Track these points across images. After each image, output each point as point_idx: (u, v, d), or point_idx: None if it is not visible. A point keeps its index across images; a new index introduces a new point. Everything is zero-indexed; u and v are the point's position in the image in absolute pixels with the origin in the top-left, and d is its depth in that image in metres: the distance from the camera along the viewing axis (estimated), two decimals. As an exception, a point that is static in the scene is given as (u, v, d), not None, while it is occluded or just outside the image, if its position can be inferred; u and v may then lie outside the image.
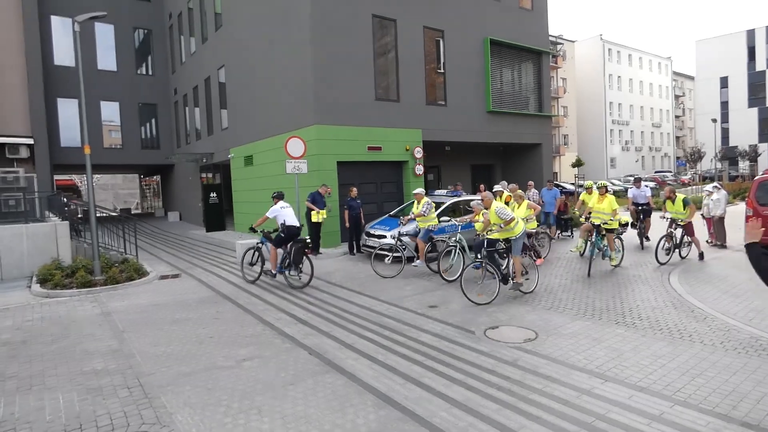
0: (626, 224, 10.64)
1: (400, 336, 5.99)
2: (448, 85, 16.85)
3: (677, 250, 9.54)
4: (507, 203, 10.13)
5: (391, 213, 12.87)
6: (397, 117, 15.20)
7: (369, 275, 9.58)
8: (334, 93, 13.73)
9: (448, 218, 11.24)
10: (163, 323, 6.87)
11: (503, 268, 7.40)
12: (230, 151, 18.90)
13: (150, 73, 25.81)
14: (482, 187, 15.72)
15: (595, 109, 54.30)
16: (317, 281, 9.10)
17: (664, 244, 9.36)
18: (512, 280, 7.40)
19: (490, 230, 7.19)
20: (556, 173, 48.45)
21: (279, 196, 9.41)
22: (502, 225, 6.92)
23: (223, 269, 11.04)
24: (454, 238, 9.74)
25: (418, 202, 10.23)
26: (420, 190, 10.11)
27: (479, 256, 7.35)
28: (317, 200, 12.13)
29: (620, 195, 27.77)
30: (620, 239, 9.48)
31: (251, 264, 9.22)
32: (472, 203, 8.94)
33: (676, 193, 10.00)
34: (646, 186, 13.22)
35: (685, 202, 9.68)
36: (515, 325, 6.17)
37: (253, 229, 8.88)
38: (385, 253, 10.59)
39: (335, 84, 13.77)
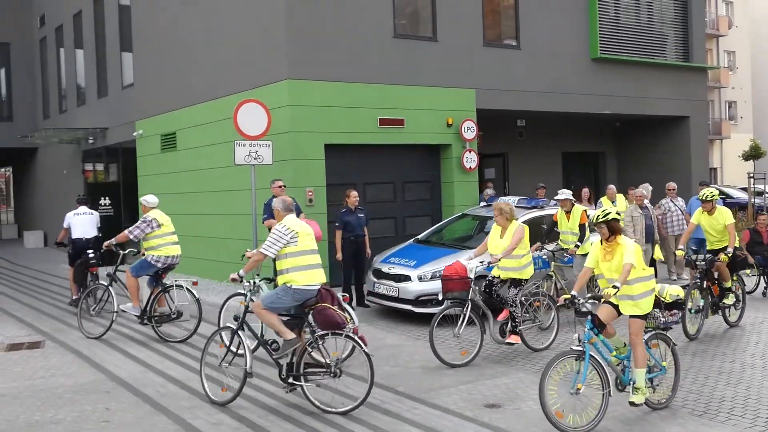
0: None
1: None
2: (524, 13, 16.92)
3: None
4: (584, 225, 11.27)
5: (419, 237, 12.86)
6: (432, 68, 15.29)
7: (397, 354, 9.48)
8: (321, 25, 13.87)
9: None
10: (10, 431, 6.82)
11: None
12: (137, 126, 19.13)
13: (-1, -12, 26.62)
14: (585, 192, 15.71)
15: (786, 58, 54.16)
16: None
17: None
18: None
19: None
20: (716, 169, 48.15)
21: (82, 201, 11.72)
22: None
23: (121, 333, 11.05)
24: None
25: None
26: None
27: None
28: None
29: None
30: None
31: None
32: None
33: None
34: None
35: None
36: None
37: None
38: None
39: (324, 9, 13.89)
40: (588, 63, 18.10)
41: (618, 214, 7.08)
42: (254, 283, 7.89)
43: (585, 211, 11.37)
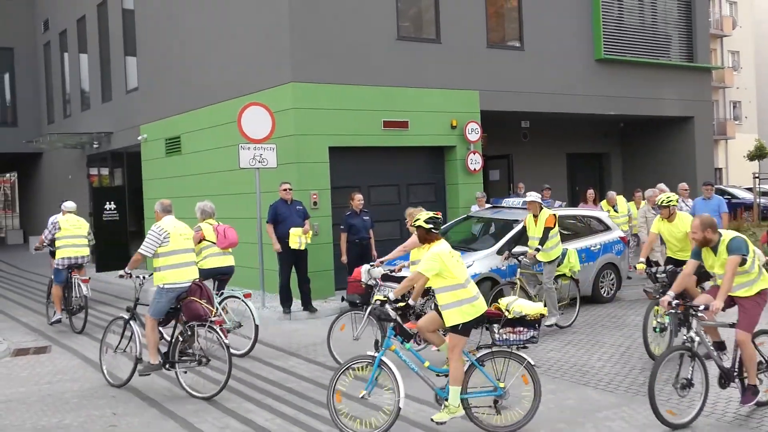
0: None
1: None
2: (527, 14, 16.93)
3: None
4: (553, 227, 10.61)
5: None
6: (436, 70, 15.31)
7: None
8: (325, 28, 13.90)
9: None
10: (18, 433, 6.86)
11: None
12: (141, 130, 19.19)
13: (3, -7, 26.66)
14: (590, 193, 15.71)
15: (790, 57, 54.02)
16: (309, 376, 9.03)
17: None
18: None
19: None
20: (721, 170, 48.05)
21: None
22: None
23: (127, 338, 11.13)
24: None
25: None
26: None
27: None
28: (285, 214, 11.98)
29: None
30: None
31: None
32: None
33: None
34: None
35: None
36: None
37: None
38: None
39: (327, 12, 13.94)
40: (592, 64, 18.09)
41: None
42: (143, 278, 8.42)
43: (554, 215, 10.65)
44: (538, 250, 10.37)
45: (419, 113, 14.99)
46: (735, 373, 6.76)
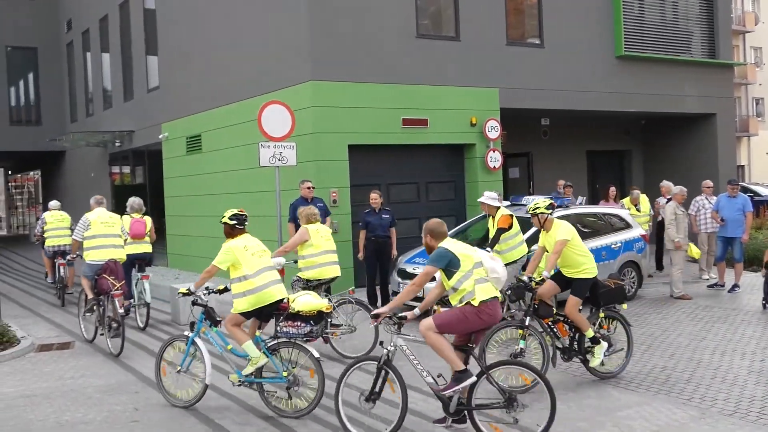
0: None
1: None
2: (547, 11, 16.84)
3: None
4: (507, 228, 10.31)
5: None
6: (455, 67, 15.29)
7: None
8: (344, 27, 13.92)
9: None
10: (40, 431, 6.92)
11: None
12: (163, 129, 19.33)
13: (27, -6, 26.90)
14: (612, 190, 15.61)
15: (815, 52, 53.23)
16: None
17: None
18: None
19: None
20: (743, 167, 47.48)
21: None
22: None
23: (147, 334, 11.19)
24: None
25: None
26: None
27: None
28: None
29: None
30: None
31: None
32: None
33: None
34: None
35: None
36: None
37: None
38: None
39: (346, 12, 13.95)
40: (612, 61, 17.95)
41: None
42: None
43: (509, 216, 10.27)
44: (488, 251, 9.56)
45: (438, 111, 14.97)
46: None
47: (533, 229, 11.19)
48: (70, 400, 7.82)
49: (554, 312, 7.86)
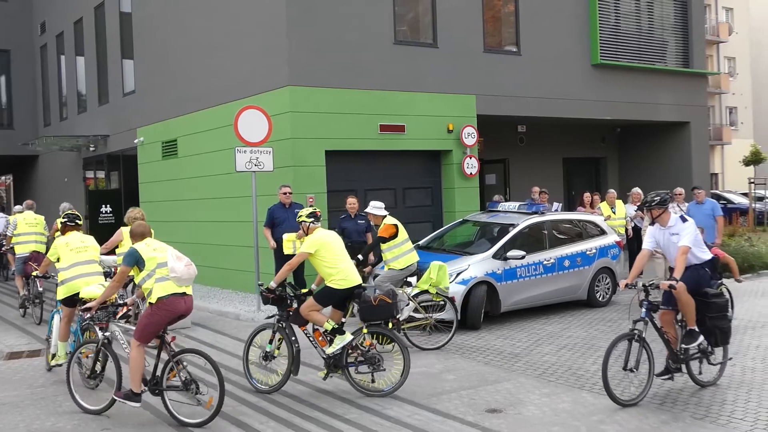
0: None
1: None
2: (524, 19, 16.98)
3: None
4: (389, 237, 10.26)
5: (420, 243, 12.89)
6: (432, 74, 15.35)
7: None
8: (322, 32, 13.93)
9: (523, 253, 11.37)
10: (11, 436, 6.86)
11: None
12: (138, 133, 19.17)
13: (-1, -5, 26.59)
14: (587, 197, 15.74)
15: (787, 63, 54.13)
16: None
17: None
18: None
19: None
20: (717, 175, 48.12)
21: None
22: None
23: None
24: None
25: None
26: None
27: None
28: (282, 218, 12.11)
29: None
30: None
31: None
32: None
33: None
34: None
35: None
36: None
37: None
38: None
39: (324, 16, 13.97)
40: (588, 69, 18.14)
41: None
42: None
43: (392, 225, 10.30)
44: (357, 259, 9.82)
45: (416, 117, 15.02)
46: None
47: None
48: (40, 408, 7.72)
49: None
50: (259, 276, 12.21)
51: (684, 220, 7.78)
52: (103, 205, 19.70)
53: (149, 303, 6.92)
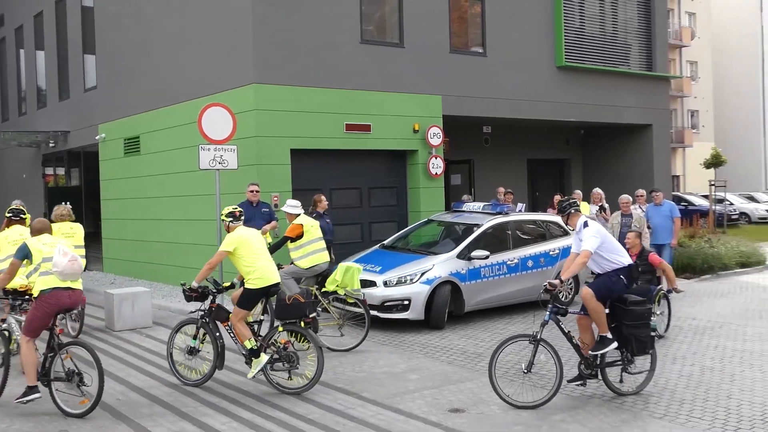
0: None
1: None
2: (490, 21, 17.09)
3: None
4: (294, 237, 10.52)
5: (385, 242, 12.91)
6: (399, 74, 15.37)
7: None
8: (288, 29, 13.86)
9: (487, 253, 11.44)
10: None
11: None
12: (99, 130, 18.89)
13: (-43, -12, 26.05)
14: (557, 198, 15.85)
15: (748, 68, 55.35)
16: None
17: None
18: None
19: None
20: (679, 177, 48.95)
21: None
22: None
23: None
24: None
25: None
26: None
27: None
28: (247, 216, 11.98)
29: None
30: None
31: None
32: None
33: None
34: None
35: None
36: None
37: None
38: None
39: (290, 13, 13.90)
40: (553, 71, 18.32)
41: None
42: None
43: (299, 225, 10.53)
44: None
45: (382, 117, 15.02)
46: None
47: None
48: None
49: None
50: (223, 275, 12.09)
51: (586, 225, 7.70)
52: (63, 203, 19.27)
53: (33, 297, 7.20)
